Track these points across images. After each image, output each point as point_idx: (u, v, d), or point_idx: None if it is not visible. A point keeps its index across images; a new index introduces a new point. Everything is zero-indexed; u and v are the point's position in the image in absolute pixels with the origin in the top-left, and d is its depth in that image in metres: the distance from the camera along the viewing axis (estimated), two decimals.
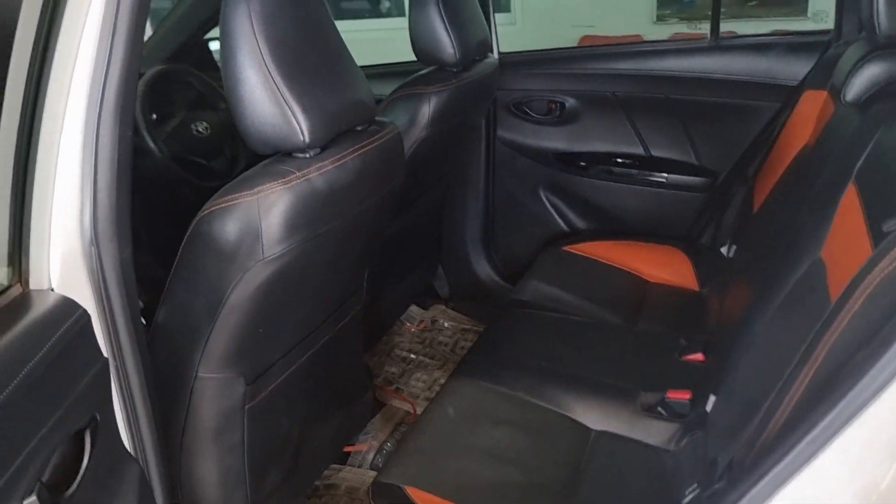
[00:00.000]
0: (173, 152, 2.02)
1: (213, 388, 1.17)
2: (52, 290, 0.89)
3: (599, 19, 4.68)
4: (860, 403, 0.69)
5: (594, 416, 1.43)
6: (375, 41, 1.80)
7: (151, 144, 2.03)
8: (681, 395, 1.44)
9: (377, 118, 1.32)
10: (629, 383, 1.49)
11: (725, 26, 2.14)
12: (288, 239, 1.07)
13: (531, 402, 1.44)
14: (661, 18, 4.62)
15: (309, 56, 1.12)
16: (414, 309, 2.42)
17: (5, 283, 0.86)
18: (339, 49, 1.21)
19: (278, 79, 1.05)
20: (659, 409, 1.44)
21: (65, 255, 0.90)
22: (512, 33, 4.82)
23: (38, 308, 0.86)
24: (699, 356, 1.57)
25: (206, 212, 1.06)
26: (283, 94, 1.05)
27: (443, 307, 2.46)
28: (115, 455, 0.96)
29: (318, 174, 1.09)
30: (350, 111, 1.19)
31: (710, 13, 2.15)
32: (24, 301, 0.86)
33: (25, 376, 0.76)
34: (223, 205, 1.05)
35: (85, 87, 0.89)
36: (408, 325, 2.38)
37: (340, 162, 1.14)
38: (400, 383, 2.12)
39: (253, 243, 1.05)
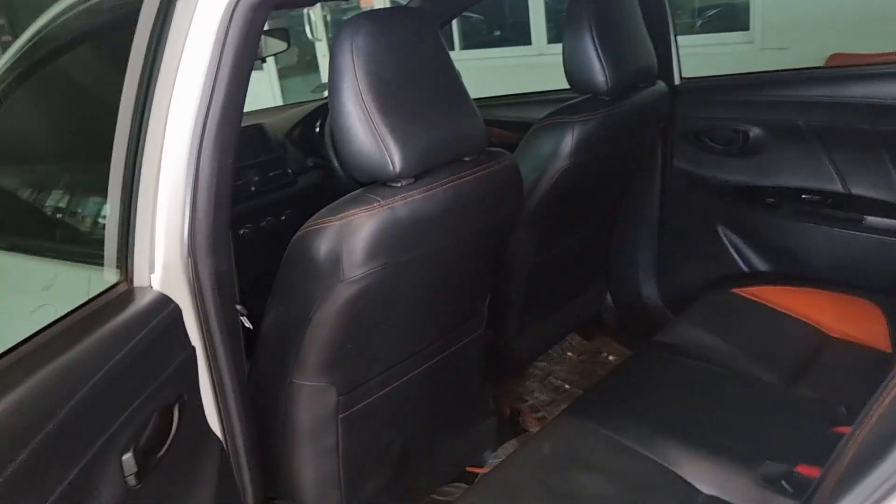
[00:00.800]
0: None
1: (307, 394, 1.27)
2: (152, 287, 1.04)
3: (858, 35, 4.16)
4: None
5: (706, 479, 1.30)
6: None
7: (336, 165, 2.24)
8: (812, 472, 1.26)
9: (492, 149, 1.34)
10: (754, 449, 1.33)
11: None
12: (367, 263, 1.13)
13: (637, 451, 1.35)
14: None
15: (409, 90, 1.18)
16: (577, 338, 2.37)
17: (115, 280, 1.04)
18: (446, 83, 1.25)
19: (373, 111, 1.12)
20: (783, 482, 1.27)
21: (166, 263, 1.05)
22: (748, 52, 4.48)
23: (139, 302, 1.01)
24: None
25: (300, 233, 1.16)
26: (377, 126, 1.12)
27: (609, 339, 2.38)
28: (199, 430, 1.10)
29: (403, 203, 1.14)
30: (451, 143, 1.23)
31: None
32: (128, 296, 1.03)
33: (124, 356, 0.92)
34: (313, 228, 1.14)
35: (190, 120, 1.03)
36: (569, 354, 2.34)
37: (429, 192, 1.18)
38: (546, 412, 2.08)
39: (335, 265, 1.13)
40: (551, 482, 1.28)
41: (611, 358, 2.31)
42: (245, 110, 2.24)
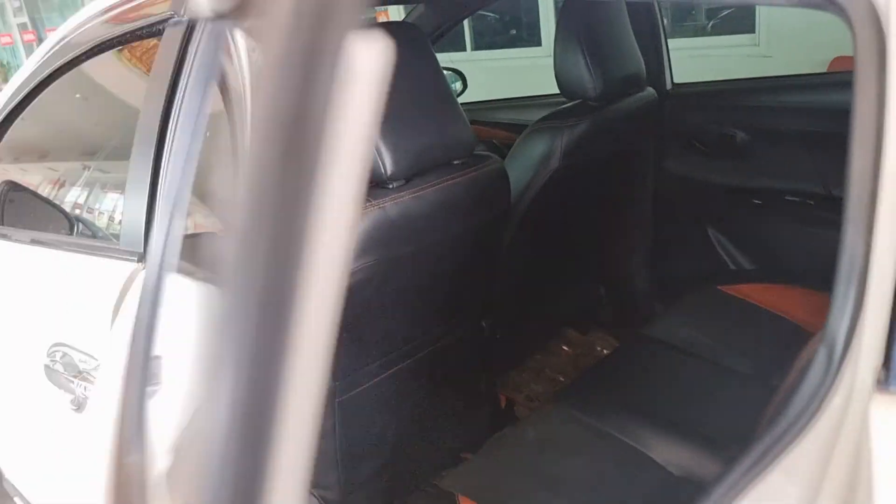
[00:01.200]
0: None
1: None
2: None
3: None
4: None
5: (678, 462, 1.39)
6: None
7: None
8: None
9: (479, 152, 1.44)
10: (725, 434, 1.42)
11: None
12: (360, 258, 1.23)
13: (615, 437, 1.45)
14: None
15: (400, 99, 1.28)
16: (573, 332, 2.45)
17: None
18: (436, 92, 1.35)
19: None
20: None
21: None
22: (752, 55, 4.53)
23: None
24: None
25: None
26: None
27: (603, 333, 2.46)
28: None
29: (393, 203, 1.25)
30: (440, 148, 1.33)
31: None
32: None
33: None
34: None
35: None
36: (564, 347, 2.42)
37: (419, 193, 1.28)
38: (540, 402, 2.18)
39: None
40: (535, 464, 1.38)
41: (605, 351, 2.39)
42: None
